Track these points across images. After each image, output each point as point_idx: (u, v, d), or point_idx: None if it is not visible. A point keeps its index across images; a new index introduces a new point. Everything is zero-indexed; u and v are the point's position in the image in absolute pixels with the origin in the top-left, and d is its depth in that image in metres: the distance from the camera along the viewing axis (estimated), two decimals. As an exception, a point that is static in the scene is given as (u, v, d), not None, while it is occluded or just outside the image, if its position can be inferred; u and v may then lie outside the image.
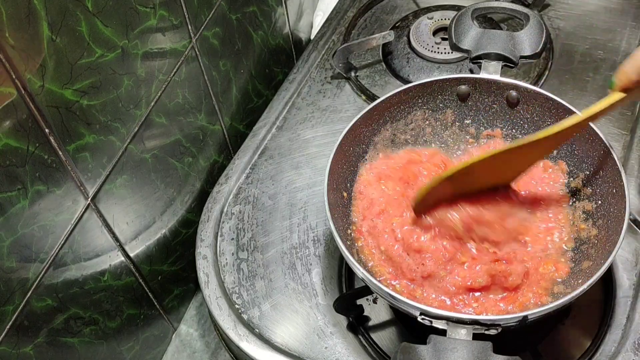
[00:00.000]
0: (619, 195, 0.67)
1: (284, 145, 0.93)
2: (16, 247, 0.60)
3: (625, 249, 0.79)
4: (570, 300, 0.60)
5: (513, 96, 0.77)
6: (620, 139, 0.89)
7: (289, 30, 1.12)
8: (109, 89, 0.68)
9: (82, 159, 0.66)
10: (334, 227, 0.66)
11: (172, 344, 0.92)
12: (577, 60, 0.99)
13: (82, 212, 0.68)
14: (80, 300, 0.71)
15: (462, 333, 0.59)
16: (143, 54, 0.72)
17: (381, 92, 0.96)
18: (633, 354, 0.71)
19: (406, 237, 0.69)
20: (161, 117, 0.79)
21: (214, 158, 0.95)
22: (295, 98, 0.98)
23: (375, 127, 0.77)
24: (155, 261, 0.84)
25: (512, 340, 0.74)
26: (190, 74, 0.83)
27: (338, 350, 0.76)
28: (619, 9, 1.05)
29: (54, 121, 0.61)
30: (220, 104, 0.93)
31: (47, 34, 0.58)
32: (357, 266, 0.64)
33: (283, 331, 0.77)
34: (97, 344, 0.75)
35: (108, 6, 0.64)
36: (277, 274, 0.81)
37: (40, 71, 0.58)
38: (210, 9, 0.84)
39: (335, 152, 0.71)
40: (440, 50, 0.98)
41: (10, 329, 0.61)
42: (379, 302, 0.79)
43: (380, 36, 0.98)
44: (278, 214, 0.86)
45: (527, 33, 0.77)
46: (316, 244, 0.83)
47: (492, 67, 0.77)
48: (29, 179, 0.59)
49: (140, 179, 0.77)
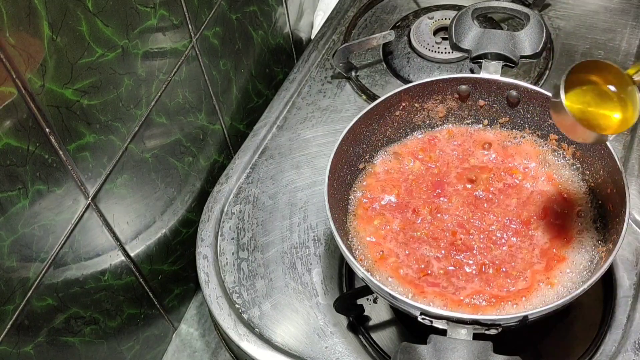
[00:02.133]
0: (619, 195, 0.67)
1: (284, 145, 0.93)
2: (17, 246, 0.60)
3: (625, 249, 0.79)
4: (570, 300, 0.61)
5: (513, 96, 0.77)
6: (620, 139, 0.89)
7: (289, 30, 1.12)
8: (109, 88, 0.68)
9: (83, 159, 0.66)
10: (334, 227, 0.66)
11: (173, 344, 0.92)
12: (577, 60, 0.98)
13: (83, 211, 0.68)
14: (81, 299, 0.71)
15: (463, 333, 0.59)
16: (143, 54, 0.72)
17: (381, 92, 0.96)
18: (633, 353, 0.71)
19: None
20: (161, 116, 0.79)
21: (214, 158, 0.95)
22: (295, 98, 0.98)
23: (375, 127, 0.77)
24: (155, 261, 0.84)
25: (512, 340, 0.74)
26: (190, 73, 0.83)
27: (338, 350, 0.76)
28: (619, 8, 1.05)
29: (55, 121, 0.61)
30: (221, 103, 0.93)
31: (48, 34, 0.58)
32: (357, 266, 0.64)
33: (283, 331, 0.77)
34: (98, 343, 0.75)
35: (108, 6, 0.64)
36: (278, 273, 0.81)
37: (40, 71, 0.58)
38: (210, 9, 0.85)
39: (336, 152, 0.71)
40: (440, 50, 0.98)
41: (10, 329, 0.61)
42: (379, 302, 0.79)
43: (381, 36, 0.98)
44: (278, 214, 0.86)
45: (527, 33, 0.77)
46: (316, 243, 0.83)
47: (493, 66, 0.77)
48: (30, 179, 0.59)
49: (141, 179, 0.77)
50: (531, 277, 0.68)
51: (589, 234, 0.70)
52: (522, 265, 0.69)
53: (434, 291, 0.67)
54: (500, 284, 0.68)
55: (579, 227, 0.71)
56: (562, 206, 0.73)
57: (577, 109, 0.63)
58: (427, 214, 0.73)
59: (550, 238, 0.71)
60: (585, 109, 0.63)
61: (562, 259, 0.69)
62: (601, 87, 0.64)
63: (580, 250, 0.69)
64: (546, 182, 0.75)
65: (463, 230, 0.71)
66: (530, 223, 0.72)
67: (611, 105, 0.64)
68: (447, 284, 0.68)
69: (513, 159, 0.77)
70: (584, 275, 0.67)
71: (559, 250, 0.70)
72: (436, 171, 0.77)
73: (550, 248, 0.70)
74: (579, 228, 0.71)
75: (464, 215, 0.72)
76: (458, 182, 0.75)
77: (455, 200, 0.74)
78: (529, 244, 0.70)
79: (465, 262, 0.69)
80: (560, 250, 0.69)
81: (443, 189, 0.75)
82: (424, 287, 0.68)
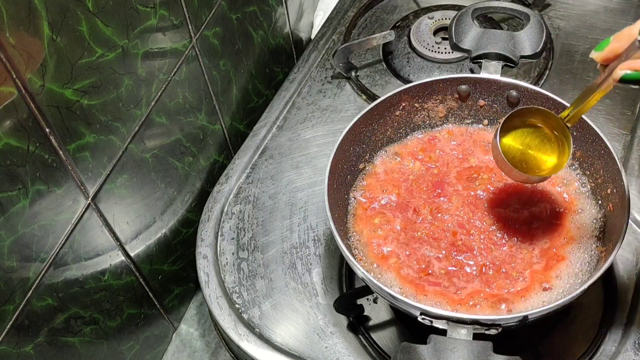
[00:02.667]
0: (619, 195, 0.67)
1: (284, 145, 0.93)
2: (17, 246, 0.60)
3: (625, 249, 0.79)
4: (570, 300, 0.61)
5: (513, 96, 0.77)
6: (620, 139, 0.89)
7: (289, 30, 1.12)
8: (109, 88, 0.68)
9: (83, 159, 0.66)
10: (334, 227, 0.66)
11: (173, 344, 0.92)
12: (577, 60, 0.99)
13: (83, 211, 0.68)
14: (81, 299, 0.71)
15: (463, 333, 0.59)
16: (143, 54, 0.72)
17: (381, 92, 0.96)
18: (633, 353, 0.71)
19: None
20: (161, 116, 0.79)
21: (214, 158, 0.95)
22: (295, 98, 0.98)
23: (375, 127, 0.77)
24: (155, 261, 0.84)
25: (512, 340, 0.74)
26: (190, 73, 0.83)
27: (338, 350, 0.76)
28: (619, 8, 1.05)
29: (55, 121, 0.61)
30: (221, 103, 0.93)
31: (48, 34, 0.58)
32: (357, 266, 0.64)
33: (283, 331, 0.77)
34: (98, 343, 0.75)
35: (108, 6, 0.64)
36: (278, 273, 0.81)
37: (40, 71, 0.58)
38: (210, 9, 0.85)
39: (336, 152, 0.71)
40: (440, 50, 0.98)
41: (10, 329, 0.61)
42: (379, 302, 0.79)
43: (381, 36, 0.98)
44: (278, 214, 0.86)
45: (527, 33, 0.77)
46: (316, 243, 0.83)
47: (493, 66, 0.77)
48: (30, 179, 0.59)
49: (141, 179, 0.77)
50: (531, 277, 0.68)
51: (589, 234, 0.70)
52: (522, 265, 0.69)
53: (435, 290, 0.67)
54: (501, 284, 0.68)
55: (579, 227, 0.71)
56: (562, 206, 0.73)
57: (516, 149, 0.67)
58: (427, 214, 0.73)
59: (550, 238, 0.71)
60: (525, 150, 0.67)
61: (562, 258, 0.69)
62: (544, 130, 0.67)
63: (580, 250, 0.69)
64: (546, 182, 0.75)
65: (463, 230, 0.71)
66: (530, 223, 0.72)
67: (549, 148, 0.67)
68: (448, 284, 0.68)
69: None
70: (584, 275, 0.67)
71: (558, 250, 0.70)
72: (436, 171, 0.77)
73: (550, 248, 0.70)
74: (579, 228, 0.71)
75: (464, 216, 0.72)
76: (458, 182, 0.75)
77: (456, 200, 0.74)
78: (529, 244, 0.70)
79: (466, 262, 0.69)
80: (560, 250, 0.69)
81: (443, 189, 0.75)
82: (424, 287, 0.68)
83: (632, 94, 0.94)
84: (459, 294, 0.67)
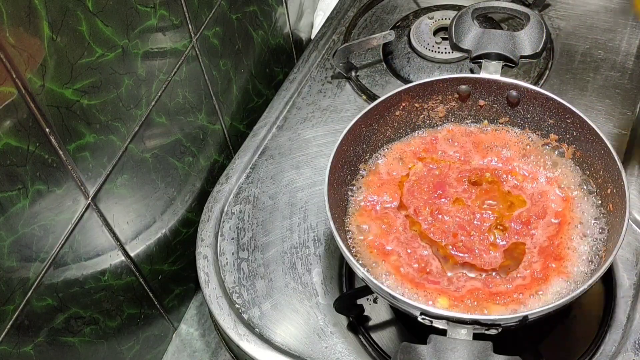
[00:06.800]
0: (619, 195, 0.67)
1: (284, 145, 0.93)
2: (17, 246, 0.60)
3: (625, 249, 0.79)
4: (570, 300, 0.61)
5: (513, 96, 0.77)
6: (621, 139, 0.89)
7: (289, 30, 1.12)
8: (109, 88, 0.68)
9: (83, 159, 0.66)
10: (334, 227, 0.66)
11: (173, 344, 0.92)
12: (577, 60, 0.99)
13: (83, 211, 0.68)
14: (81, 299, 0.71)
15: (463, 333, 0.59)
16: (143, 54, 0.72)
17: (381, 92, 0.96)
18: (633, 353, 0.71)
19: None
20: (161, 116, 0.79)
21: (215, 158, 0.95)
22: (295, 98, 0.98)
23: (375, 127, 0.77)
24: (155, 261, 0.84)
25: (512, 340, 0.74)
26: (190, 73, 0.83)
27: (338, 350, 0.76)
28: (619, 8, 1.05)
29: (55, 121, 0.61)
30: (221, 103, 0.93)
31: (48, 34, 0.58)
32: (357, 266, 0.64)
33: (283, 331, 0.77)
34: (98, 343, 0.75)
35: (108, 6, 0.64)
36: (278, 273, 0.81)
37: (40, 71, 0.58)
38: (210, 9, 0.85)
39: (336, 152, 0.71)
40: (440, 50, 0.98)
41: (10, 329, 0.61)
42: (379, 302, 0.79)
43: (381, 36, 0.98)
44: (278, 214, 0.86)
45: (527, 33, 0.77)
46: (316, 243, 0.83)
47: (493, 66, 0.77)
48: (30, 179, 0.59)
49: (141, 179, 0.77)
50: (531, 277, 0.68)
51: (589, 234, 0.70)
52: (521, 265, 0.69)
53: (436, 289, 0.67)
54: (500, 284, 0.68)
55: (579, 227, 0.71)
56: (562, 206, 0.73)
57: None
58: (427, 215, 0.73)
59: (550, 238, 0.71)
60: None
61: (561, 258, 0.69)
62: None
63: (580, 250, 0.69)
64: (546, 183, 0.75)
65: (464, 232, 0.71)
66: (530, 223, 0.72)
67: None
68: (447, 283, 0.68)
69: (513, 159, 0.77)
70: (583, 275, 0.67)
71: (558, 250, 0.70)
72: (437, 172, 0.77)
73: (549, 248, 0.70)
74: (579, 228, 0.71)
75: (464, 217, 0.72)
76: (459, 184, 0.75)
77: (456, 201, 0.74)
78: (529, 244, 0.70)
79: (466, 262, 0.69)
80: (559, 250, 0.69)
81: (444, 190, 0.75)
82: (424, 285, 0.68)
83: (632, 94, 0.94)
84: (458, 292, 0.67)
